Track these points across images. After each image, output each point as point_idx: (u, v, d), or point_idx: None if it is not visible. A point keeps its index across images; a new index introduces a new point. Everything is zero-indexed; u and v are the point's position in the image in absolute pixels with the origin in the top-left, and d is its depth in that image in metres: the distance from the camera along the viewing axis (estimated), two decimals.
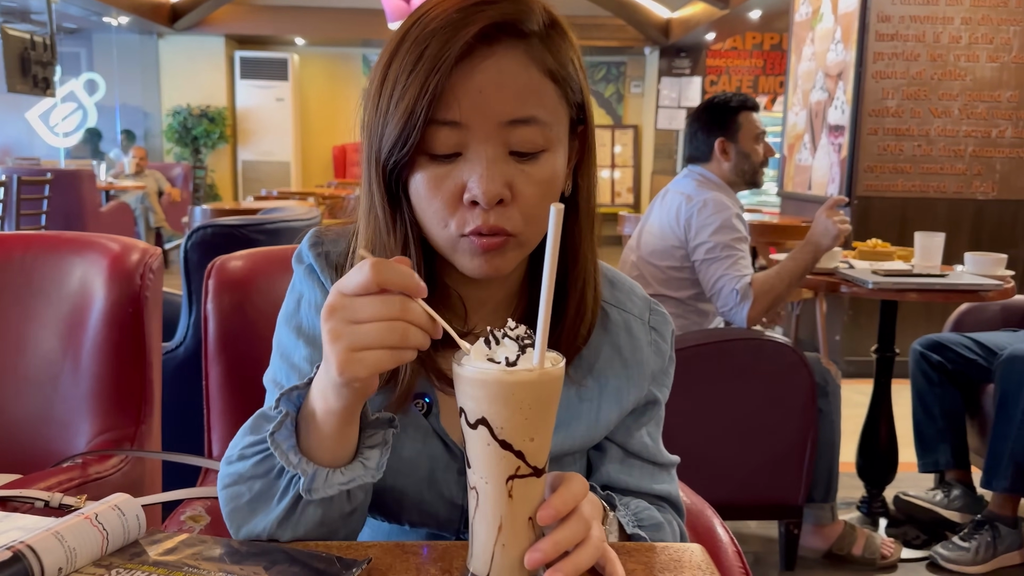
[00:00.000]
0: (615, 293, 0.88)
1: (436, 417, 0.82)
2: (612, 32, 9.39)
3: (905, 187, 4.25)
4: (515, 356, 0.63)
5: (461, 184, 0.72)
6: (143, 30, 9.44)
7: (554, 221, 0.62)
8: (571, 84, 0.76)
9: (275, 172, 10.15)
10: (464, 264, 0.75)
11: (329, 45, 10.48)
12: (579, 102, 0.78)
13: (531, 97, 0.72)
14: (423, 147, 0.72)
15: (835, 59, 4.50)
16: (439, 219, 0.74)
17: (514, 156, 0.72)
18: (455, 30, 0.69)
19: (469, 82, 0.70)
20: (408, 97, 0.70)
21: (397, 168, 0.73)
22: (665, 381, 0.90)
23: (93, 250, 1.59)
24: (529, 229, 0.74)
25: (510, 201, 0.72)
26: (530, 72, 0.72)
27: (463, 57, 0.69)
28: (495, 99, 0.70)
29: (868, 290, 2.29)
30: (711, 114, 2.52)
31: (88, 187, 6.52)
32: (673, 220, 2.43)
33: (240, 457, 0.75)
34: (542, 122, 0.72)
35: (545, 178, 0.74)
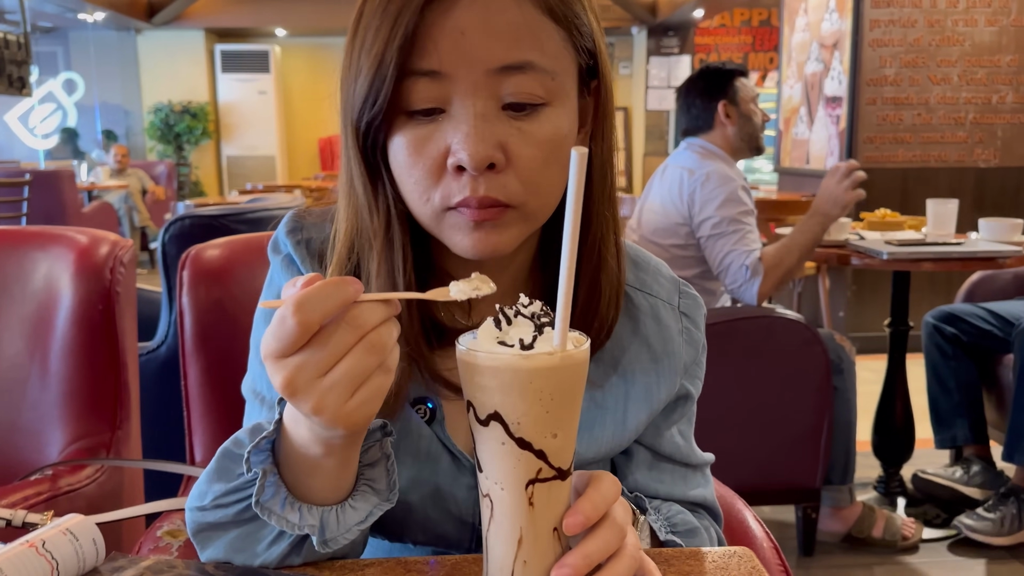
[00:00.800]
0: (640, 275, 0.76)
1: (440, 424, 0.71)
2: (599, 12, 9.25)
3: (906, 157, 4.15)
4: (531, 338, 0.53)
5: (445, 147, 0.60)
6: (120, 26, 9.26)
7: (576, 168, 0.51)
8: (579, 26, 0.63)
9: (260, 167, 9.99)
10: (456, 242, 0.63)
11: (311, 35, 10.31)
12: (590, 48, 0.64)
13: (526, 38, 0.60)
14: (399, 103, 0.60)
15: (830, 28, 4.39)
16: (422, 190, 0.62)
17: (508, 111, 0.61)
18: None
19: (448, 22, 0.59)
20: (378, 43, 0.59)
21: (372, 131, 0.62)
22: (698, 373, 0.79)
23: (59, 244, 1.47)
24: (531, 199, 0.62)
25: (504, 166, 0.60)
26: (523, 7, 0.60)
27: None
28: (481, 41, 0.59)
29: (883, 261, 2.19)
30: (708, 81, 2.44)
31: (68, 187, 6.37)
32: (676, 195, 2.33)
33: (215, 507, 0.62)
34: (541, 69, 0.60)
35: (546, 137, 0.61)
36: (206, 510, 0.63)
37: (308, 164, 10.71)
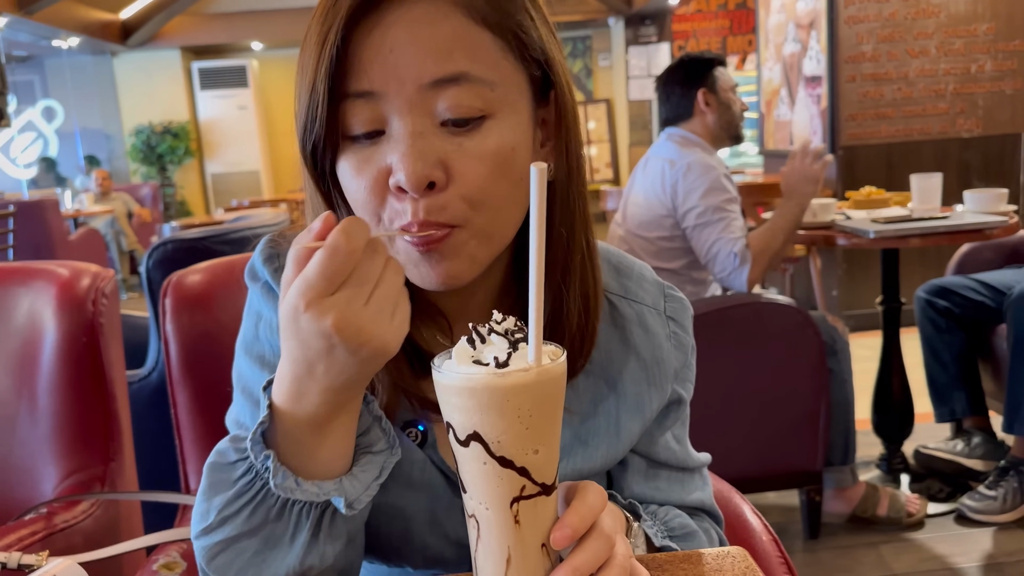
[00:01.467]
0: (623, 282, 0.75)
1: (432, 447, 0.70)
2: (574, 5, 9.25)
3: (889, 132, 4.15)
4: (506, 355, 0.52)
5: (386, 168, 0.59)
6: (96, 51, 9.22)
7: (536, 183, 0.50)
8: (521, 35, 0.61)
9: (245, 182, 9.96)
10: (411, 274, 0.62)
11: (287, 47, 10.27)
12: (539, 59, 0.62)
13: (457, 49, 0.58)
14: (338, 127, 0.59)
15: (805, 8, 4.39)
16: (370, 214, 0.61)
17: (448, 127, 0.59)
18: None
19: (375, 40, 0.58)
20: (310, 68, 0.58)
21: (319, 155, 0.61)
22: (689, 376, 0.78)
23: (39, 279, 1.46)
24: (478, 217, 0.60)
25: (444, 184, 0.58)
26: (453, 19, 0.58)
27: (365, 12, 0.57)
28: (410, 57, 0.58)
29: (870, 240, 2.19)
30: (687, 70, 2.43)
31: (54, 216, 6.34)
32: (659, 187, 2.32)
33: (222, 522, 0.61)
34: (477, 80, 0.58)
35: (490, 150, 0.59)
36: (212, 530, 0.61)
37: (293, 176, 10.64)
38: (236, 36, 9.43)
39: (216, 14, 9.20)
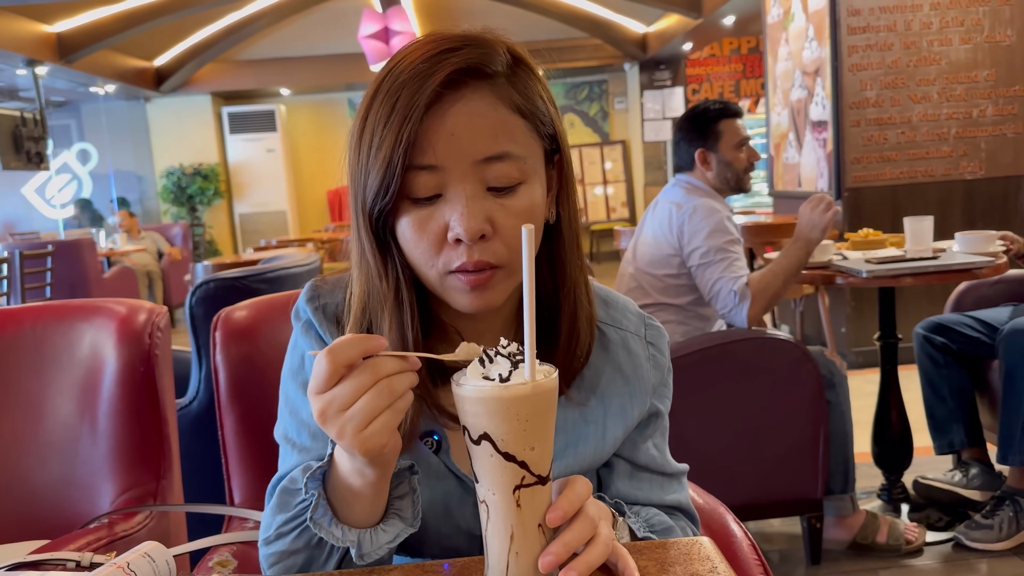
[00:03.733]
0: (611, 312, 0.90)
1: (447, 453, 0.84)
2: (591, 52, 9.51)
3: (893, 175, 4.28)
4: (508, 372, 0.67)
5: (444, 224, 0.74)
6: (130, 96, 9.58)
7: (526, 241, 0.65)
8: (540, 117, 0.78)
9: (272, 222, 10.24)
10: (456, 301, 0.78)
11: (313, 92, 10.61)
12: (551, 133, 0.80)
13: (502, 134, 0.74)
14: (404, 192, 0.74)
15: (811, 56, 4.57)
16: (427, 259, 0.76)
17: (492, 192, 0.75)
18: (423, 80, 0.72)
19: (441, 127, 0.73)
20: (385, 147, 0.73)
21: (383, 215, 0.76)
22: (666, 392, 0.92)
23: (101, 315, 1.63)
24: (514, 259, 0.76)
25: (491, 235, 0.74)
26: (498, 110, 0.74)
27: (433, 104, 0.72)
28: (467, 140, 0.73)
29: (863, 279, 2.32)
30: (691, 124, 2.56)
31: (89, 255, 6.59)
32: (666, 229, 2.47)
33: (278, 536, 0.79)
34: (515, 156, 0.75)
35: (524, 209, 0.76)
36: (271, 542, 0.79)
37: (318, 216, 10.95)
38: (265, 82, 9.77)
39: (245, 61, 9.55)
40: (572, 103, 10.78)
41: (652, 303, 2.47)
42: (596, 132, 10.88)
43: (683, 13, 7.28)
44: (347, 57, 9.25)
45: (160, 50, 8.78)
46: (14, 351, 1.64)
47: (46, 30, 6.97)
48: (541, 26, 8.72)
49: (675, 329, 2.45)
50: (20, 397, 1.62)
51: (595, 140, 10.85)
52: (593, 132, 10.86)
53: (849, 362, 4.32)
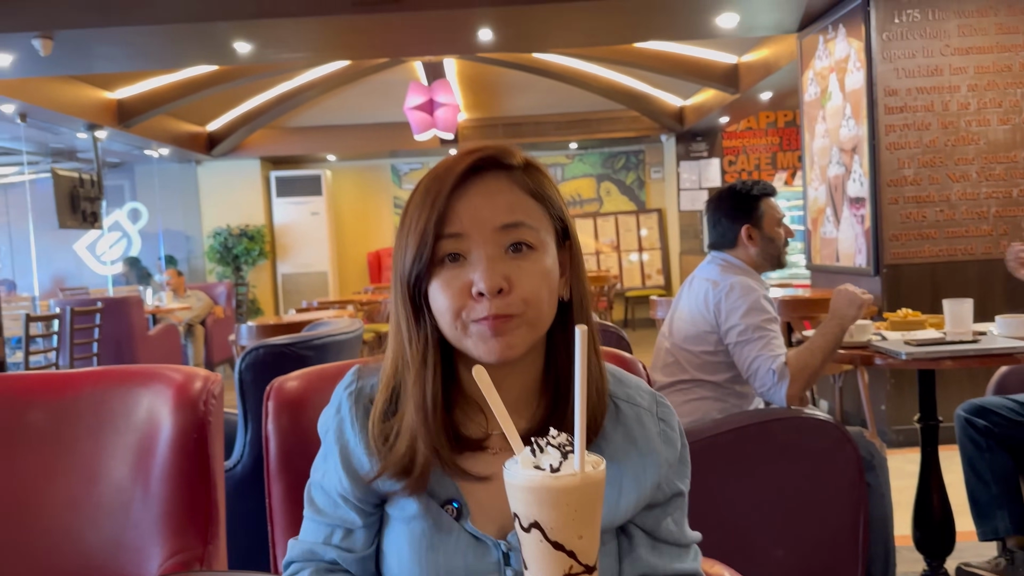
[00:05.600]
0: (624, 389, 0.97)
1: (467, 518, 0.90)
2: (628, 124, 9.69)
3: (932, 252, 4.28)
4: (558, 463, 0.71)
5: (468, 281, 0.85)
6: (182, 159, 9.93)
7: (580, 341, 0.71)
8: (551, 204, 0.91)
9: (313, 283, 10.44)
10: (479, 350, 0.86)
11: (358, 159, 10.93)
12: (560, 218, 0.92)
13: (517, 207, 0.87)
14: (436, 257, 0.86)
15: (848, 135, 4.63)
16: (453, 312, 0.86)
17: (509, 253, 0.86)
18: (451, 169, 0.87)
19: (466, 202, 0.86)
20: (421, 222, 0.86)
21: (418, 280, 0.87)
22: (684, 471, 0.97)
23: (158, 381, 1.70)
24: (531, 310, 0.86)
25: (509, 291, 0.84)
26: (514, 190, 0.88)
27: (459, 185, 0.86)
28: (487, 210, 0.86)
29: (902, 361, 2.32)
30: (734, 202, 2.59)
31: (136, 313, 6.78)
32: (702, 306, 2.50)
33: None
34: (529, 226, 0.87)
35: (538, 271, 0.87)
36: None
37: (358, 277, 11.14)
38: (312, 149, 10.09)
39: (294, 128, 9.89)
40: (609, 172, 10.94)
41: (689, 379, 2.49)
42: (632, 200, 11.00)
43: (720, 88, 7.42)
44: (391, 126, 9.55)
45: (213, 116, 9.14)
46: (74, 414, 1.71)
47: (107, 96, 7.32)
48: (580, 99, 8.93)
49: (712, 406, 2.46)
50: (76, 459, 1.68)
51: (631, 208, 10.96)
52: (629, 200, 10.99)
53: (889, 441, 4.25)
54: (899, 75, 4.31)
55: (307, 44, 5.14)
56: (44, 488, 1.67)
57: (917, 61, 4.30)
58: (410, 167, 11.08)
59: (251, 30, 4.61)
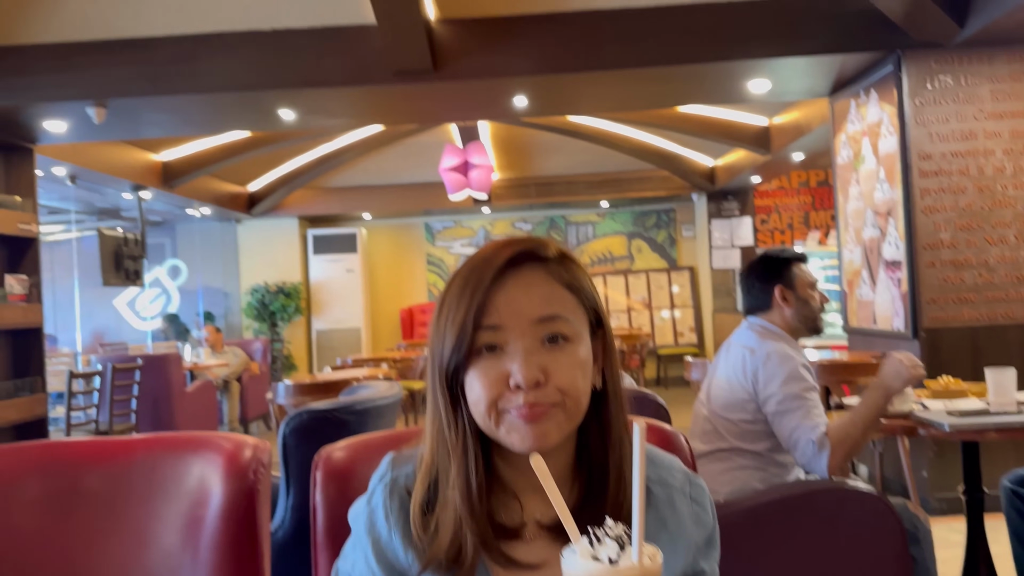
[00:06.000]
0: (657, 470, 0.97)
1: None
2: (659, 183, 9.77)
3: (972, 316, 4.24)
4: (616, 554, 0.73)
5: (506, 372, 0.87)
6: (223, 217, 10.17)
7: (639, 439, 0.74)
8: (585, 294, 0.93)
9: (347, 338, 10.55)
10: (514, 440, 0.88)
11: (393, 217, 11.12)
12: (594, 308, 0.94)
13: (553, 300, 0.89)
14: (474, 348, 0.88)
15: (882, 198, 4.64)
16: (489, 403, 0.87)
17: (545, 345, 0.88)
18: (490, 261, 0.90)
19: (504, 295, 0.88)
20: (460, 313, 0.88)
21: (456, 371, 0.89)
22: (710, 553, 0.98)
23: (209, 448, 1.74)
24: (567, 399, 0.88)
25: (545, 383, 0.86)
26: (550, 283, 0.90)
27: (497, 278, 0.88)
28: (524, 303, 0.88)
29: (946, 432, 2.29)
30: (766, 265, 2.63)
31: (175, 370, 6.89)
32: (740, 374, 2.50)
33: None
34: (564, 318, 0.89)
35: (573, 362, 0.88)
36: None
37: (390, 333, 11.23)
38: (349, 208, 10.31)
39: (332, 188, 10.12)
40: (640, 229, 11.01)
41: (728, 448, 2.48)
42: (663, 258, 11.03)
43: (751, 149, 7.49)
44: (426, 185, 9.74)
45: (254, 176, 9.38)
46: (125, 480, 1.75)
47: (153, 158, 7.57)
48: (611, 158, 9.05)
49: (752, 475, 2.44)
50: (127, 524, 1.72)
51: (663, 266, 10.99)
52: (660, 258, 11.02)
53: (932, 509, 4.16)
54: (933, 139, 4.33)
55: (348, 111, 5.31)
56: (96, 552, 1.70)
57: (951, 126, 4.32)
58: (443, 225, 11.25)
59: (295, 98, 4.78)
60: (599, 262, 11.07)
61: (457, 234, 11.26)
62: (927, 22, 4.05)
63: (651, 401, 2.36)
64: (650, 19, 4.40)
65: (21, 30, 4.46)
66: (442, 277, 11.23)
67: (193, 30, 4.50)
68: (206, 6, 4.35)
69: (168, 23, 4.46)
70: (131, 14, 4.41)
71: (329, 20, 4.47)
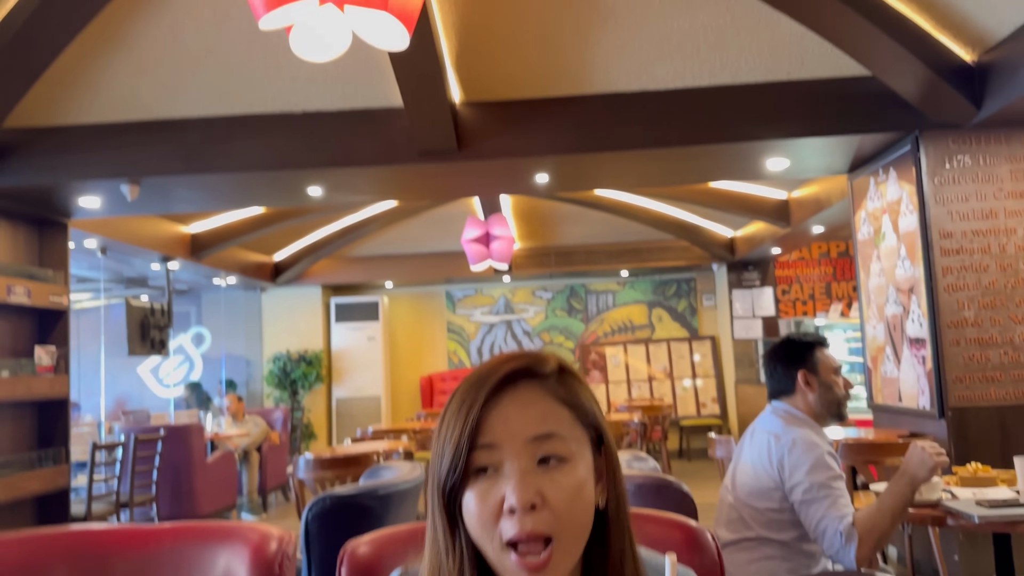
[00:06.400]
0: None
1: None
2: (679, 253, 9.83)
3: (999, 395, 4.19)
4: None
5: (501, 495, 0.85)
6: (248, 286, 10.31)
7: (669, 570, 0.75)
8: (585, 411, 0.92)
9: (367, 407, 10.55)
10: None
11: (415, 285, 11.23)
12: (595, 425, 0.93)
13: (549, 418, 0.88)
14: (470, 469, 0.87)
15: (904, 275, 4.64)
16: (487, 530, 0.86)
17: (542, 466, 0.87)
18: (486, 379, 0.89)
19: (499, 413, 0.87)
20: (455, 432, 0.88)
21: (453, 491, 0.88)
22: None
23: (236, 539, 1.75)
24: (564, 529, 0.86)
25: (542, 506, 0.85)
26: (546, 400, 0.89)
27: (492, 396, 0.88)
28: (519, 422, 0.87)
29: (975, 524, 2.26)
30: (788, 350, 2.64)
31: (196, 440, 6.91)
32: (766, 461, 2.48)
33: None
34: (561, 437, 0.87)
35: (571, 484, 0.86)
36: None
37: (410, 402, 11.22)
38: (372, 276, 10.43)
39: (356, 257, 10.27)
40: (660, 299, 11.02)
41: (755, 537, 2.45)
42: (684, 327, 11.00)
43: (771, 222, 7.54)
44: (448, 254, 9.86)
45: (279, 247, 9.55)
46: (152, 569, 1.77)
47: (182, 230, 7.74)
48: (631, 229, 9.14)
49: (780, 566, 2.40)
50: None
51: (684, 335, 10.96)
52: (681, 327, 10.99)
53: None
54: (953, 218, 4.35)
55: (374, 188, 5.43)
56: None
57: (971, 204, 4.35)
58: (464, 293, 11.33)
59: (324, 177, 4.90)
60: (619, 331, 11.06)
61: (478, 302, 11.32)
62: (944, 104, 4.12)
63: (675, 490, 2.35)
64: (668, 101, 4.51)
65: (62, 112, 4.64)
66: (462, 345, 11.26)
67: (227, 112, 4.66)
68: (240, 90, 4.52)
69: (203, 106, 4.63)
70: (168, 97, 4.58)
71: (358, 103, 4.62)
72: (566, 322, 11.17)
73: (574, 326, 11.15)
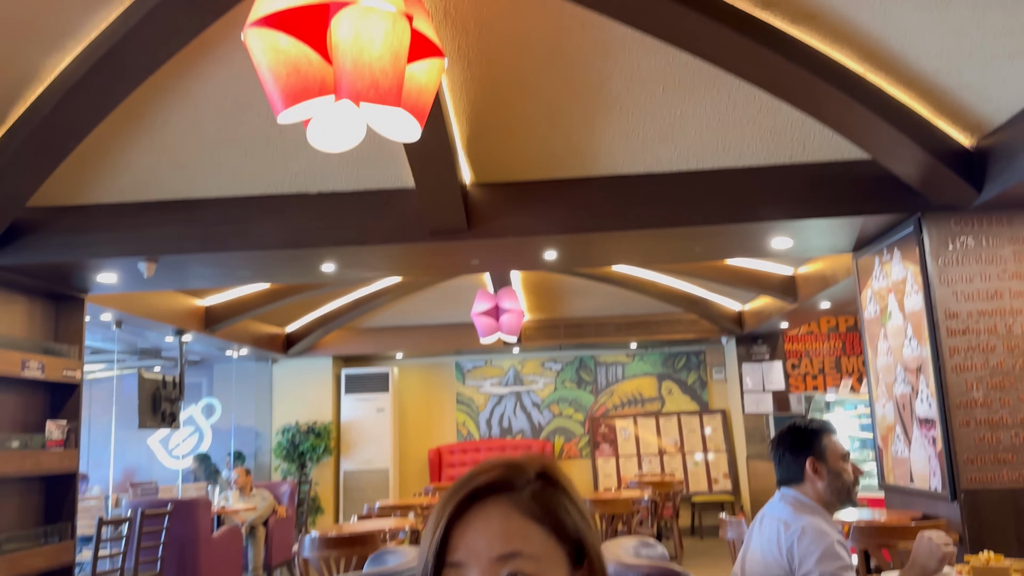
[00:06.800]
0: None
1: None
2: (687, 326, 9.85)
3: (1012, 477, 4.15)
4: None
5: None
6: (259, 358, 10.36)
7: None
8: (562, 525, 0.90)
9: (375, 480, 10.46)
10: None
11: (425, 356, 11.26)
12: (575, 537, 0.91)
13: (515, 536, 0.86)
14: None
15: (912, 354, 4.65)
16: None
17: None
18: (455, 493, 0.89)
19: (464, 531, 0.87)
20: (429, 547, 0.88)
21: None
22: None
23: None
24: None
25: None
26: (513, 517, 0.87)
27: (459, 514, 0.87)
28: (483, 540, 0.86)
29: None
30: (795, 437, 2.64)
31: (203, 515, 6.86)
32: (775, 548, 2.47)
33: None
34: (528, 555, 0.85)
35: None
36: None
37: (418, 474, 11.11)
38: (382, 348, 10.48)
39: (367, 329, 10.34)
40: (670, 371, 11.00)
41: None
42: (694, 400, 10.95)
43: (778, 297, 7.58)
44: (458, 326, 9.92)
45: (292, 319, 9.64)
46: None
47: (196, 303, 7.85)
48: (639, 302, 9.20)
49: None
50: None
51: (694, 408, 10.89)
52: (691, 400, 10.94)
53: None
54: (958, 298, 4.38)
55: (386, 266, 5.53)
56: None
57: (975, 285, 4.38)
58: (473, 364, 11.34)
59: (337, 255, 5.00)
60: (629, 403, 11.01)
61: (487, 373, 11.32)
62: (944, 187, 4.20)
63: None
64: (674, 183, 4.62)
65: (83, 191, 4.79)
66: (471, 417, 11.21)
67: (243, 192, 4.79)
68: (256, 171, 4.66)
69: (219, 187, 4.77)
70: (186, 178, 4.72)
71: (372, 184, 4.75)
72: (575, 394, 11.13)
73: (583, 398, 11.11)
